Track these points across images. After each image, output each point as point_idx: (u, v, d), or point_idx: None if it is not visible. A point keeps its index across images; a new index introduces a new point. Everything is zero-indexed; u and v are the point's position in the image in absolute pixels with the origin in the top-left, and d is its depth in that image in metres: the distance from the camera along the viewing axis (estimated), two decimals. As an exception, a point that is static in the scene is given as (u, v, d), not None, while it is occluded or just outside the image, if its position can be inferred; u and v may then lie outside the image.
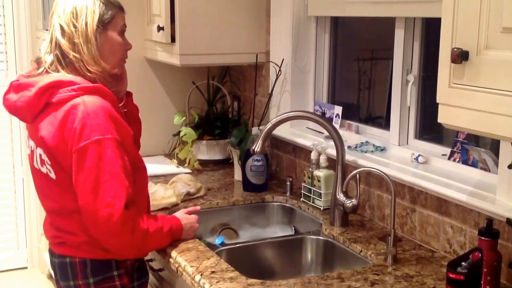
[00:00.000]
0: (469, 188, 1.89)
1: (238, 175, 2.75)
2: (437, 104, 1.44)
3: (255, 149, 2.18)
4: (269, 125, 2.19)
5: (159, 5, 2.85)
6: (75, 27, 1.87)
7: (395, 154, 2.31)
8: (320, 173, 2.38)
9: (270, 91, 2.83)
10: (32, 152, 1.94)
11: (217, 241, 2.27)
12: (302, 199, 2.48)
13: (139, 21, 3.03)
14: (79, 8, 1.88)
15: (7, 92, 1.93)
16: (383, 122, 2.53)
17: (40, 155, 1.88)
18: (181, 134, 2.96)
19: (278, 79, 2.77)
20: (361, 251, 2.03)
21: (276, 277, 2.09)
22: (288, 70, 2.78)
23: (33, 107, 1.85)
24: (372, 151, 2.36)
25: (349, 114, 2.63)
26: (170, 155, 3.14)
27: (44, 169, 1.89)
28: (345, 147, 2.29)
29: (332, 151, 2.32)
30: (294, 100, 2.80)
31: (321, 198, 2.38)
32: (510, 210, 1.72)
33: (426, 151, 2.23)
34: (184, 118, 3.09)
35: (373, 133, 2.53)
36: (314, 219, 2.37)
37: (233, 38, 2.88)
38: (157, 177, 2.76)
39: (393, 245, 1.91)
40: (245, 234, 2.44)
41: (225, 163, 2.99)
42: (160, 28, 2.83)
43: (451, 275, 1.58)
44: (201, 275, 1.82)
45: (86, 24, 1.87)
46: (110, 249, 1.87)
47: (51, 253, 2.01)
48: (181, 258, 1.95)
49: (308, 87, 2.81)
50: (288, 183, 2.57)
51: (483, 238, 1.62)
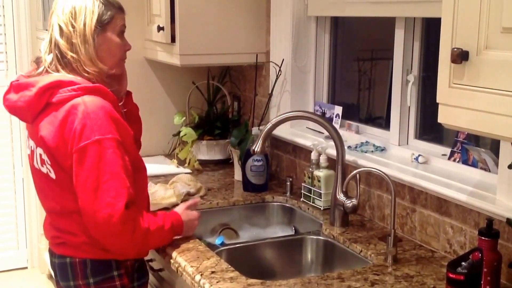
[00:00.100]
0: (469, 188, 1.89)
1: (238, 175, 2.75)
2: (437, 104, 1.44)
3: (255, 149, 2.18)
4: (269, 125, 2.19)
5: (159, 5, 2.85)
6: (73, 27, 1.87)
7: (395, 154, 2.31)
8: (320, 173, 2.38)
9: (270, 91, 2.83)
10: (32, 152, 1.94)
11: (217, 241, 2.26)
12: (302, 199, 2.48)
13: (139, 21, 3.03)
14: (78, 8, 1.88)
15: (7, 92, 1.93)
16: (383, 122, 2.53)
17: (40, 155, 1.88)
18: (181, 134, 2.96)
19: (278, 79, 2.77)
20: (361, 251, 2.03)
21: (276, 277, 2.09)
22: (288, 70, 2.78)
23: (33, 107, 1.85)
24: (372, 151, 2.36)
25: (349, 114, 2.63)
26: (170, 155, 3.14)
27: (44, 169, 1.89)
28: (345, 147, 2.28)
29: (332, 151, 2.32)
30: (294, 100, 2.80)
31: (321, 198, 2.38)
32: (510, 210, 1.72)
33: (426, 151, 2.23)
34: (184, 118, 3.08)
35: (373, 133, 2.52)
36: (314, 219, 2.37)
37: (233, 38, 2.88)
38: (157, 177, 2.76)
39: (393, 245, 1.91)
40: (245, 234, 2.44)
41: (225, 163, 2.99)
42: (160, 28, 2.83)
43: (451, 275, 1.58)
44: (201, 275, 1.82)
45: (85, 25, 1.87)
46: (111, 249, 1.87)
47: (51, 253, 2.01)
48: (181, 258, 1.95)
49: (308, 87, 2.81)
50: (288, 183, 2.57)
51: (483, 238, 1.62)
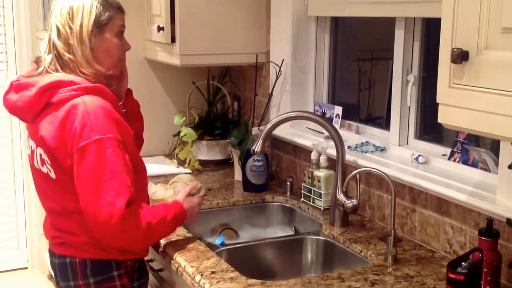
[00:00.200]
0: (469, 188, 1.89)
1: (238, 175, 2.75)
2: (437, 104, 1.44)
3: (255, 149, 2.18)
4: (269, 125, 2.19)
5: (159, 5, 2.85)
6: (70, 28, 1.86)
7: (395, 154, 2.31)
8: (320, 173, 2.38)
9: (270, 91, 2.83)
10: (32, 152, 1.93)
11: (217, 241, 2.27)
12: (302, 199, 2.48)
13: (139, 21, 3.03)
14: (75, 9, 1.87)
15: (7, 92, 1.93)
16: (383, 122, 2.53)
17: (40, 154, 1.88)
18: (181, 134, 2.96)
19: (278, 79, 2.77)
20: (361, 251, 2.03)
21: (276, 277, 2.09)
22: (288, 70, 2.78)
23: (34, 107, 1.85)
24: (372, 151, 2.36)
25: (349, 114, 2.63)
26: (170, 155, 3.14)
27: (44, 169, 1.89)
28: (345, 147, 2.29)
29: (332, 151, 2.32)
30: (294, 100, 2.80)
31: (321, 198, 2.38)
32: (510, 210, 1.72)
33: (426, 151, 2.23)
34: (184, 118, 3.09)
35: (373, 133, 2.52)
36: (314, 219, 2.37)
37: (233, 38, 2.88)
38: (157, 177, 2.76)
39: (393, 245, 1.91)
40: (245, 234, 2.44)
41: (225, 163, 2.99)
42: (160, 28, 2.83)
43: (451, 275, 1.58)
44: (201, 275, 1.82)
45: (81, 26, 1.86)
46: (116, 247, 1.87)
47: (51, 253, 2.01)
48: (181, 258, 1.95)
49: (308, 87, 2.81)
50: (288, 183, 2.57)
51: (483, 238, 1.62)
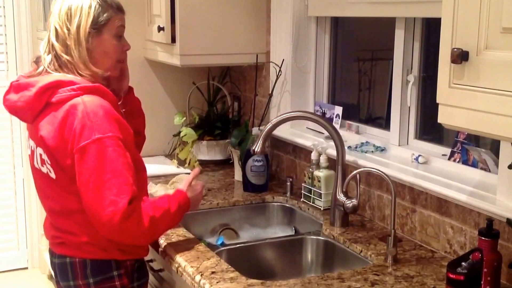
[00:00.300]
0: (469, 188, 1.89)
1: (238, 175, 2.75)
2: (437, 104, 1.44)
3: (255, 150, 2.18)
4: (269, 126, 2.19)
5: (159, 5, 2.85)
6: (68, 29, 1.86)
7: (395, 154, 2.31)
8: (320, 173, 2.38)
9: (270, 92, 2.83)
10: (33, 152, 1.94)
11: (218, 241, 2.27)
12: (302, 199, 2.48)
13: (139, 21, 3.03)
14: (73, 9, 1.86)
15: (7, 93, 1.93)
16: (383, 123, 2.53)
17: (40, 155, 1.88)
18: (182, 134, 2.96)
19: (278, 79, 2.77)
20: (361, 251, 2.03)
21: (276, 277, 2.09)
22: (288, 71, 2.78)
23: (33, 107, 1.85)
24: (372, 151, 2.36)
25: (349, 114, 2.63)
26: (170, 156, 3.14)
27: (44, 169, 1.89)
28: (345, 148, 2.28)
29: (332, 152, 2.32)
30: (294, 101, 2.80)
31: (321, 198, 2.38)
32: (510, 210, 1.72)
33: (426, 151, 2.22)
34: (185, 118, 3.09)
35: (373, 133, 2.52)
36: (314, 219, 2.37)
37: (233, 38, 2.88)
38: (157, 177, 2.76)
39: (393, 246, 1.91)
40: (245, 234, 2.45)
41: (226, 163, 2.99)
42: (160, 29, 2.83)
43: (451, 275, 1.58)
44: (201, 275, 1.82)
45: (79, 27, 1.86)
46: (122, 243, 1.87)
47: (51, 253, 2.01)
48: (181, 259, 1.95)
49: (308, 88, 2.81)
50: (288, 183, 2.57)
51: (483, 238, 1.62)
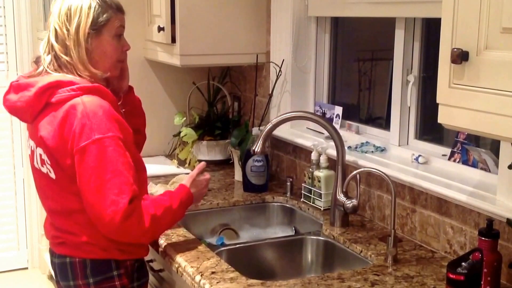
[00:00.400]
0: (469, 188, 1.89)
1: (238, 175, 2.75)
2: (437, 104, 1.44)
3: (256, 150, 2.18)
4: (269, 126, 2.19)
5: (159, 5, 2.85)
6: (67, 30, 1.86)
7: (395, 154, 2.31)
8: (321, 173, 2.38)
9: (270, 92, 2.83)
10: (33, 152, 1.94)
11: (218, 241, 2.27)
12: (302, 199, 2.48)
13: (139, 21, 3.03)
14: (73, 10, 1.86)
15: (7, 93, 1.93)
16: (384, 123, 2.53)
17: (40, 155, 1.88)
18: (182, 134, 2.96)
19: (278, 79, 2.77)
20: (361, 251, 2.03)
21: (276, 277, 2.09)
22: (288, 71, 2.78)
23: (33, 107, 1.85)
24: (373, 151, 2.36)
25: (349, 114, 2.63)
26: (170, 156, 3.14)
27: (44, 169, 1.89)
28: (345, 148, 2.28)
29: (333, 152, 2.32)
30: (294, 101, 2.80)
31: (321, 198, 2.38)
32: (510, 211, 1.72)
33: (426, 151, 2.22)
34: (185, 118, 3.08)
35: (373, 134, 2.52)
36: (314, 219, 2.37)
37: (233, 38, 2.88)
38: (157, 178, 2.76)
39: (393, 246, 1.91)
40: (245, 234, 2.44)
41: (226, 163, 2.99)
42: (160, 29, 2.83)
43: (451, 275, 1.58)
44: (201, 275, 1.82)
45: (78, 28, 1.86)
46: (125, 242, 1.87)
47: (51, 253, 2.01)
48: (181, 259, 1.95)
49: (309, 88, 2.81)
50: (289, 183, 2.57)
51: (483, 238, 1.62)
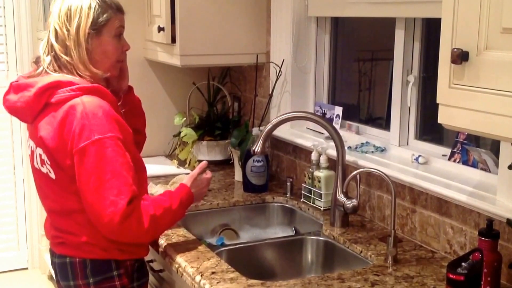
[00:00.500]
0: (469, 188, 1.89)
1: (238, 175, 2.75)
2: (437, 104, 1.44)
3: (256, 150, 2.18)
4: (269, 126, 2.19)
5: (159, 5, 2.85)
6: (67, 30, 1.86)
7: (396, 154, 2.31)
8: (321, 173, 2.38)
9: (270, 92, 2.83)
10: (32, 152, 1.94)
11: (218, 241, 2.27)
12: (302, 199, 2.48)
13: (139, 21, 3.03)
14: (73, 10, 1.86)
15: (7, 93, 1.93)
16: (384, 123, 2.53)
17: (40, 155, 1.88)
18: (182, 134, 2.96)
19: (278, 79, 2.77)
20: (361, 251, 2.03)
21: (276, 277, 2.09)
22: (288, 71, 2.78)
23: (33, 107, 1.85)
24: (373, 151, 2.36)
25: (349, 114, 2.63)
26: (170, 156, 3.14)
27: (44, 169, 1.89)
28: (346, 148, 2.28)
29: (333, 152, 2.32)
30: (294, 101, 2.80)
31: (321, 198, 2.38)
32: (510, 211, 1.72)
33: (427, 151, 2.22)
34: (185, 118, 3.08)
35: (373, 134, 2.52)
36: (314, 219, 2.37)
37: (233, 38, 2.88)
38: (157, 178, 2.76)
39: (393, 246, 1.91)
40: (245, 234, 2.44)
41: (226, 163, 2.99)
42: (160, 29, 2.83)
43: (451, 275, 1.58)
44: (201, 275, 1.82)
45: (78, 28, 1.86)
46: (124, 242, 1.87)
47: (52, 253, 2.01)
48: (181, 259, 1.95)
49: (309, 88, 2.81)
50: (289, 183, 2.57)
51: (483, 238, 1.62)
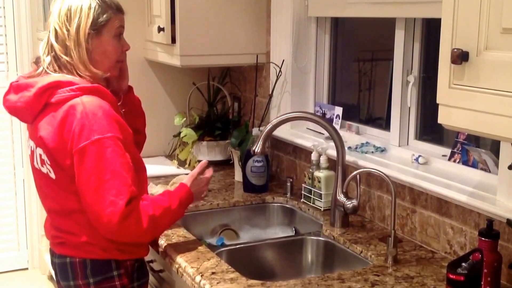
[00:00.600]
0: (469, 189, 1.89)
1: (238, 176, 2.75)
2: (437, 104, 1.44)
3: (256, 150, 2.18)
4: (269, 126, 2.19)
5: (159, 6, 2.85)
6: (67, 30, 1.86)
7: (396, 155, 2.31)
8: (321, 174, 2.38)
9: (270, 92, 2.83)
10: (32, 152, 1.94)
11: (218, 242, 2.27)
12: (302, 200, 2.48)
13: (139, 22, 3.03)
14: (73, 10, 1.86)
15: (7, 93, 1.93)
16: (384, 123, 2.53)
17: (40, 155, 1.88)
18: (182, 135, 2.96)
19: (278, 80, 2.77)
20: (361, 252, 2.03)
21: (276, 278, 2.09)
22: (288, 71, 2.78)
23: (33, 107, 1.85)
24: (373, 152, 2.36)
25: (349, 115, 2.63)
26: (170, 156, 3.14)
27: (44, 169, 1.89)
28: (346, 148, 2.28)
29: (333, 152, 2.32)
30: (294, 101, 2.80)
31: (321, 199, 2.38)
32: (510, 211, 1.72)
33: (427, 151, 2.22)
34: (185, 119, 3.08)
35: (373, 134, 2.52)
36: (314, 220, 2.37)
37: (233, 39, 2.88)
38: (157, 178, 2.76)
39: (393, 246, 1.91)
40: (245, 235, 2.44)
41: (226, 164, 2.99)
42: (160, 29, 2.83)
43: (451, 276, 1.58)
44: (201, 276, 1.82)
45: (78, 28, 1.86)
46: (124, 242, 1.88)
47: (52, 253, 2.01)
48: (181, 259, 1.95)
49: (309, 88, 2.81)
50: (289, 184, 2.57)
51: (483, 239, 1.63)
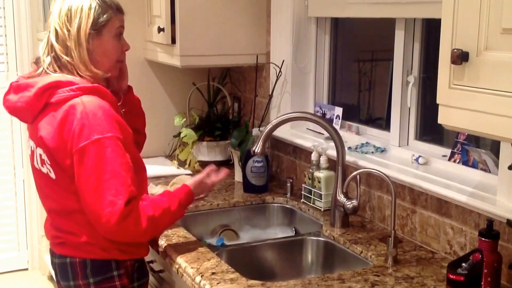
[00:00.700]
0: (470, 189, 1.89)
1: (238, 176, 2.75)
2: (437, 105, 1.44)
3: (256, 150, 2.18)
4: (269, 126, 2.19)
5: (159, 6, 2.85)
6: (68, 30, 1.86)
7: (396, 155, 2.31)
8: (321, 174, 2.38)
9: (270, 92, 2.83)
10: (33, 152, 1.94)
11: (218, 242, 2.27)
12: (302, 200, 2.48)
13: (139, 22, 3.03)
14: (73, 10, 1.86)
15: (7, 93, 1.93)
16: (384, 123, 2.53)
17: (40, 155, 1.89)
18: (182, 135, 2.96)
19: (278, 80, 2.77)
20: (361, 252, 2.03)
21: (276, 278, 2.09)
22: (288, 71, 2.78)
23: (33, 107, 1.85)
24: (373, 152, 2.36)
25: (349, 115, 2.63)
26: (170, 156, 3.14)
27: (44, 169, 1.89)
28: (346, 148, 2.28)
29: (333, 152, 2.32)
30: (294, 101, 2.80)
31: (321, 199, 2.38)
32: (510, 211, 1.72)
33: (427, 152, 2.22)
34: (185, 119, 3.08)
35: (373, 134, 2.52)
36: (314, 220, 2.37)
37: (233, 39, 2.88)
38: (157, 178, 2.76)
39: (393, 246, 1.91)
40: (245, 235, 2.44)
41: (226, 164, 2.98)
42: (160, 29, 2.83)
43: (451, 276, 1.58)
44: (201, 276, 1.82)
45: (79, 28, 1.86)
46: (123, 242, 1.88)
47: (52, 253, 2.01)
48: (181, 260, 1.95)
49: (309, 88, 2.81)
50: (289, 184, 2.57)
51: (483, 239, 1.63)
